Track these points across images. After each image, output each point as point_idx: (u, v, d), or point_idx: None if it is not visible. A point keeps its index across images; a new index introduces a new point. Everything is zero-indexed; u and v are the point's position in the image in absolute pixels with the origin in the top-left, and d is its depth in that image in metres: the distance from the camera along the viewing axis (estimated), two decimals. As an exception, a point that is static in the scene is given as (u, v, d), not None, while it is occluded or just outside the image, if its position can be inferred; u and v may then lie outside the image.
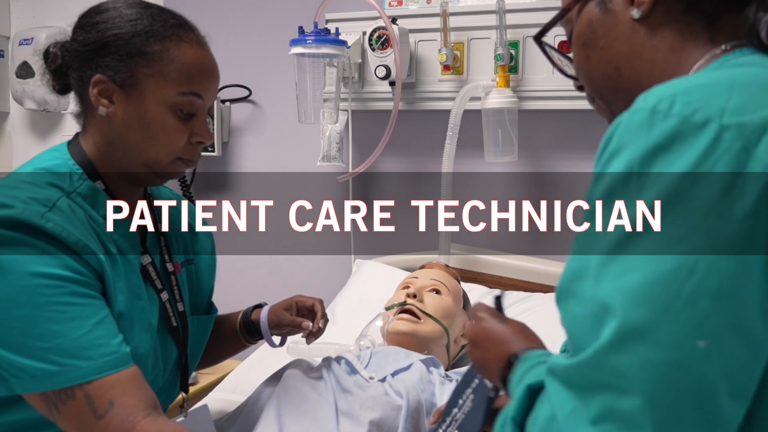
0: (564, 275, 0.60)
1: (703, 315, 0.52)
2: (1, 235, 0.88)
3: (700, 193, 0.53)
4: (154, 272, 1.08)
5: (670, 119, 0.56)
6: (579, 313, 0.57)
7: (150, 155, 1.01)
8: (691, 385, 0.51)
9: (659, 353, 0.52)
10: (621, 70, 0.75)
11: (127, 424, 0.87)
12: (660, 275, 0.53)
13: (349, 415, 1.03)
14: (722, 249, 0.53)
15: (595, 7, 0.75)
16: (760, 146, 0.53)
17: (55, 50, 1.06)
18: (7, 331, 0.87)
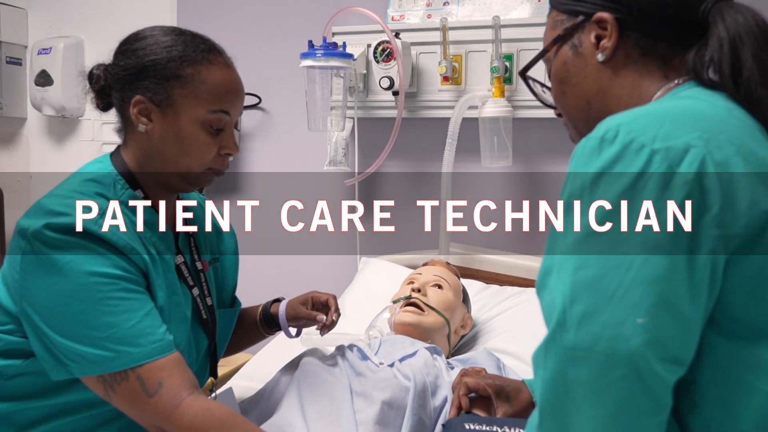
0: (540, 272, 0.73)
1: (640, 298, 0.64)
2: (61, 240, 0.99)
3: (635, 206, 0.66)
4: (186, 270, 1.19)
5: (614, 145, 0.68)
6: (548, 302, 0.70)
7: (184, 166, 1.11)
8: (631, 351, 0.63)
9: (606, 330, 0.64)
10: (591, 104, 0.87)
11: (174, 401, 0.98)
12: (607, 270, 0.66)
13: (363, 396, 1.15)
14: (654, 247, 0.65)
15: (568, 50, 0.88)
16: (681, 165, 0.66)
17: (98, 72, 1.16)
18: (68, 323, 0.98)
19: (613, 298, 0.64)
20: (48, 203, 1.04)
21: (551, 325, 0.68)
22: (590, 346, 0.65)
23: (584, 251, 0.67)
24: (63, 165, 2.61)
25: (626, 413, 0.64)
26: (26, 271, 1.00)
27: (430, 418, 1.16)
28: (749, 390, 0.66)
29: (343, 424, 1.10)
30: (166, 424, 0.98)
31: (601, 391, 0.64)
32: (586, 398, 0.65)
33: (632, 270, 0.65)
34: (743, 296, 0.67)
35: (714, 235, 0.65)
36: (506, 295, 1.72)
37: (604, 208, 0.67)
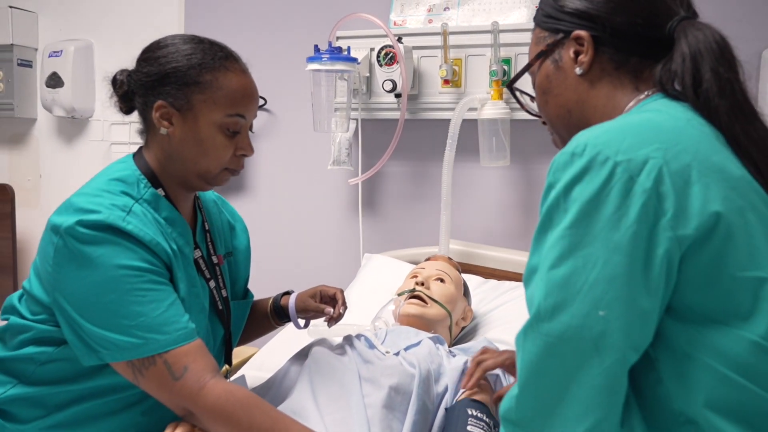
0: (526, 269, 0.82)
1: (602, 293, 0.73)
2: (92, 235, 1.06)
3: (601, 211, 0.75)
4: (204, 264, 1.26)
5: (583, 158, 0.77)
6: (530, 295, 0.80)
7: (202, 167, 1.17)
8: (594, 339, 0.74)
9: (573, 320, 0.74)
10: (572, 113, 0.96)
11: (199, 383, 1.05)
12: (575, 269, 0.75)
13: (371, 381, 1.21)
14: (614, 249, 0.74)
15: (550, 64, 0.96)
16: (641, 175, 0.74)
17: (122, 78, 1.22)
18: (99, 313, 1.05)
19: (580, 294, 0.74)
20: (78, 201, 1.10)
21: (531, 315, 0.78)
22: (560, 334, 0.75)
23: (557, 252, 0.76)
24: (72, 164, 2.68)
25: (589, 391, 0.74)
26: (59, 264, 1.07)
27: (432, 403, 1.23)
28: (701, 367, 0.75)
29: (352, 408, 1.17)
30: (192, 404, 1.05)
31: (569, 372, 0.75)
32: (556, 377, 0.75)
33: (596, 269, 0.74)
34: (696, 288, 0.76)
35: (669, 236, 0.74)
36: (504, 289, 1.80)
37: (575, 214, 0.76)
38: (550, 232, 0.78)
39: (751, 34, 1.77)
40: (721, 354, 0.75)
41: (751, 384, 0.74)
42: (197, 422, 1.07)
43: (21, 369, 1.14)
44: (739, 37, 0.93)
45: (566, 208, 0.77)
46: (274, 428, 1.05)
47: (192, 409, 1.05)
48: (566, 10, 0.94)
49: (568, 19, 0.94)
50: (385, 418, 1.16)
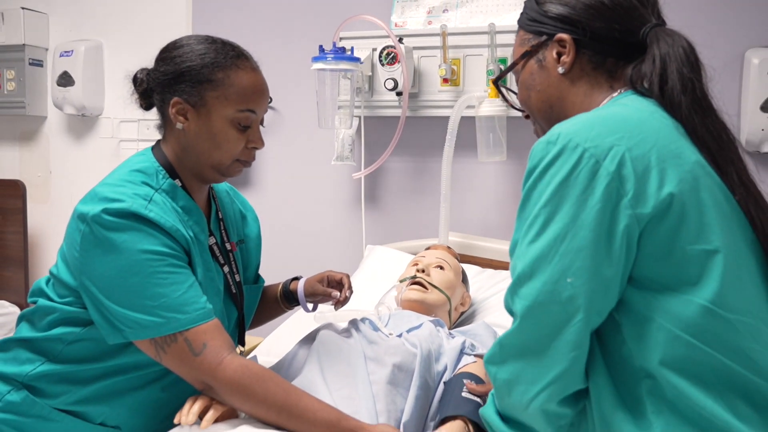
0: (510, 244, 0.94)
1: (570, 262, 0.85)
2: (117, 222, 1.12)
3: (570, 191, 0.85)
4: (218, 250, 1.33)
5: (556, 146, 0.87)
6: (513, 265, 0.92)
7: (215, 159, 1.24)
8: (563, 301, 0.85)
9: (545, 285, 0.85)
10: (553, 107, 1.06)
11: (217, 359, 1.12)
12: (548, 242, 0.86)
13: (375, 360, 1.28)
14: (581, 224, 0.84)
15: (534, 63, 1.07)
16: (606, 160, 0.85)
17: (141, 76, 1.29)
18: (124, 294, 1.12)
19: (551, 263, 0.86)
20: (102, 191, 1.17)
21: (512, 281, 0.91)
22: (535, 297, 0.87)
23: (535, 228, 0.88)
24: (81, 161, 2.75)
25: (558, 344, 0.86)
26: (86, 250, 1.14)
27: (433, 380, 1.31)
28: (658, 328, 0.86)
29: (358, 384, 1.24)
30: (210, 378, 1.12)
31: (541, 327, 0.88)
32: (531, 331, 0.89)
33: (565, 242, 0.85)
34: (652, 260, 0.87)
35: (629, 214, 0.84)
36: (500, 278, 1.88)
37: (548, 195, 0.87)
38: (528, 210, 0.89)
39: (733, 36, 1.85)
40: (674, 317, 0.85)
41: (700, 343, 0.84)
42: (215, 395, 1.14)
43: (49, 348, 1.21)
44: (722, 38, 1.02)
45: (543, 190, 0.88)
46: (287, 399, 1.12)
47: (211, 383, 1.12)
48: (550, 15, 1.04)
49: (551, 23, 1.04)
50: (389, 393, 1.23)
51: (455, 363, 1.34)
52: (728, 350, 0.85)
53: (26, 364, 1.22)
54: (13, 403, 1.20)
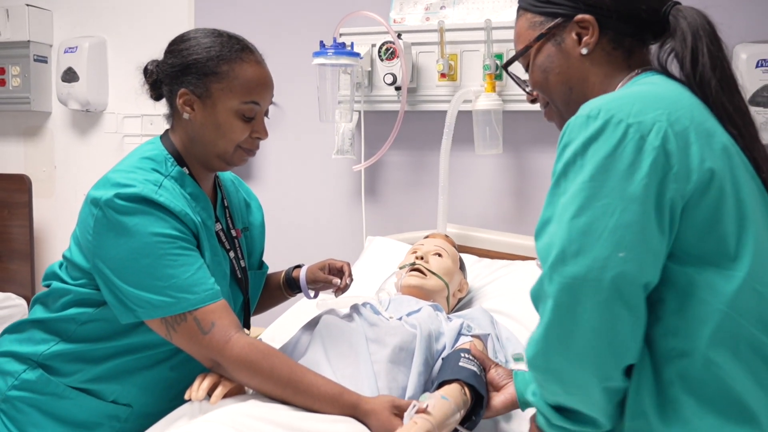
0: (539, 222, 0.90)
1: (621, 237, 0.83)
2: (129, 207, 1.17)
3: (616, 166, 0.84)
4: (224, 236, 1.37)
5: (597, 121, 0.87)
6: (546, 243, 0.88)
7: (220, 148, 1.28)
8: (615, 277, 0.83)
9: (596, 261, 0.83)
10: (573, 89, 1.05)
11: (225, 337, 1.16)
12: (595, 217, 0.84)
13: (377, 341, 1.33)
14: (630, 198, 0.83)
15: (551, 46, 1.05)
16: (650, 135, 0.85)
17: (151, 68, 1.33)
18: (136, 275, 1.16)
19: (600, 238, 0.83)
20: (114, 177, 1.22)
21: (550, 260, 0.86)
22: (584, 274, 0.83)
23: (578, 203, 0.85)
24: (85, 156, 2.79)
25: (613, 325, 0.84)
26: (99, 233, 1.18)
27: (433, 359, 1.36)
28: (700, 302, 0.86)
29: (360, 363, 1.29)
30: (219, 356, 1.16)
31: (594, 308, 0.83)
32: (582, 315, 0.84)
33: (614, 216, 0.84)
34: (694, 234, 0.86)
35: (674, 188, 0.84)
36: (497, 266, 1.93)
37: (592, 169, 0.85)
38: (567, 186, 0.87)
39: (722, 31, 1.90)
40: (717, 291, 0.86)
41: (740, 317, 0.85)
42: (224, 372, 1.18)
43: (63, 328, 1.26)
44: None
45: (583, 164, 0.86)
46: (292, 375, 1.17)
47: (219, 360, 1.17)
48: None
49: (569, 3, 1.02)
50: (391, 371, 1.28)
51: (453, 343, 1.39)
52: (762, 324, 0.86)
53: (41, 344, 1.26)
54: (28, 381, 1.25)
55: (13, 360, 1.27)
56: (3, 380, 1.27)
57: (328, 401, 1.16)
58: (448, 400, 1.17)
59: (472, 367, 1.25)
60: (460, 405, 1.20)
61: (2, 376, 1.27)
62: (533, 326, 1.58)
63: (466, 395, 1.22)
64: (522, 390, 1.28)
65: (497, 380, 1.32)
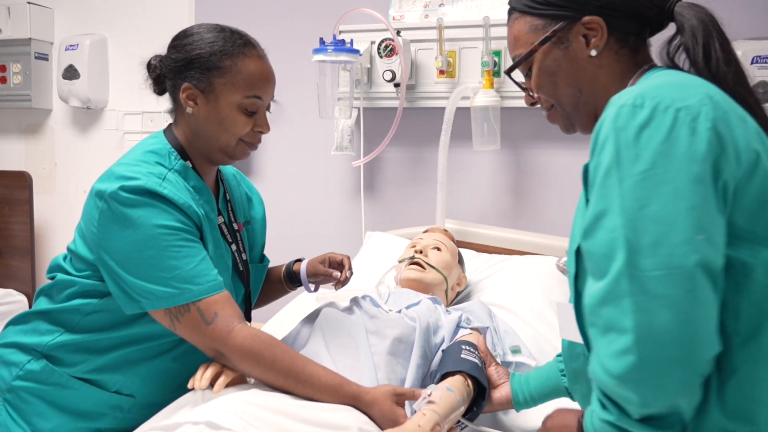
0: (590, 218, 0.86)
1: (697, 219, 0.80)
2: (133, 199, 1.18)
3: (675, 151, 0.82)
4: (226, 229, 1.39)
5: (645, 108, 0.84)
6: (604, 239, 0.83)
7: (222, 142, 1.30)
8: (701, 260, 0.79)
9: (677, 248, 0.79)
10: (582, 91, 1.03)
11: (228, 327, 1.18)
12: (666, 201, 0.81)
13: (376, 333, 1.35)
14: (696, 180, 0.81)
15: (557, 49, 1.03)
16: (700, 117, 0.83)
17: (155, 63, 1.34)
18: (140, 267, 1.17)
19: (676, 224, 0.80)
20: (119, 170, 1.23)
21: (620, 256, 0.81)
22: (666, 263, 0.79)
23: (641, 192, 0.82)
24: (86, 153, 2.81)
25: (705, 311, 0.80)
26: (103, 225, 1.19)
27: (432, 351, 1.38)
28: (748, 277, 0.85)
29: (360, 355, 1.31)
30: (221, 345, 1.18)
31: (684, 298, 0.79)
32: (674, 307, 0.78)
33: (685, 199, 0.81)
34: (746, 215, 0.85)
35: (727, 170, 0.83)
36: (494, 261, 1.95)
37: (651, 156, 0.82)
38: (621, 176, 0.83)
39: (719, 28, 1.92)
40: None
41: None
42: (226, 362, 1.20)
43: (68, 319, 1.27)
44: None
45: (638, 153, 0.83)
46: (293, 365, 1.19)
47: (222, 350, 1.18)
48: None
49: (573, 5, 1.00)
50: (390, 363, 1.30)
51: (452, 335, 1.41)
52: None
53: (46, 335, 1.28)
54: (32, 371, 1.27)
55: (18, 351, 1.29)
56: (8, 371, 1.28)
57: (329, 391, 1.18)
58: (454, 392, 1.19)
59: (474, 359, 1.27)
60: (465, 397, 1.22)
61: (7, 367, 1.29)
62: (531, 319, 1.65)
63: (469, 387, 1.25)
64: (517, 392, 1.31)
65: (495, 378, 1.35)
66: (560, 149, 2.13)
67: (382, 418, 1.17)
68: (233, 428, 1.01)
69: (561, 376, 1.27)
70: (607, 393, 0.85)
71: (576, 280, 0.98)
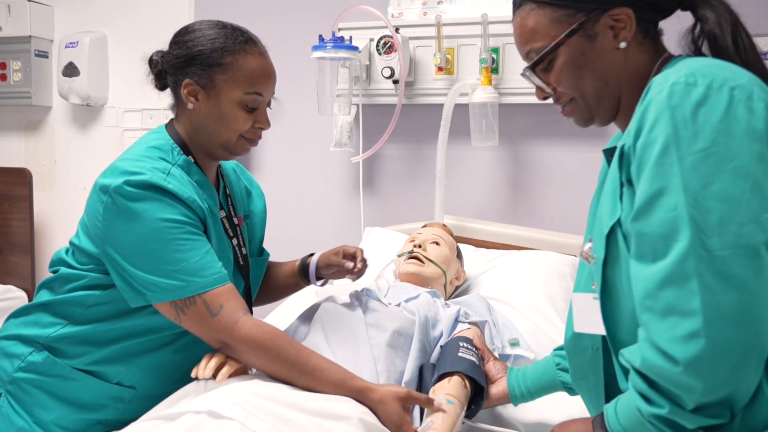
0: (645, 197, 0.83)
1: (762, 197, 0.79)
2: (138, 193, 1.19)
3: (734, 128, 0.81)
4: (227, 223, 1.40)
5: (699, 87, 0.83)
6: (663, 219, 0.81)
7: (223, 138, 1.31)
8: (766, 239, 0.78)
9: (744, 227, 0.78)
10: (608, 84, 1.00)
11: (233, 319, 1.18)
12: (730, 179, 0.79)
13: (376, 326, 1.36)
14: (758, 156, 0.80)
15: (584, 41, 0.98)
16: (753, 95, 0.83)
17: (156, 58, 1.35)
18: (145, 260, 1.18)
19: (741, 202, 0.79)
20: (123, 165, 1.23)
21: (684, 236, 0.79)
22: (735, 242, 0.78)
23: (704, 171, 0.80)
24: (86, 150, 2.82)
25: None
26: (108, 219, 1.20)
27: (430, 344, 1.39)
28: None
29: (360, 348, 1.31)
30: (227, 337, 1.19)
31: (753, 277, 0.78)
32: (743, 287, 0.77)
33: (749, 178, 0.79)
34: None
35: None
36: (493, 256, 1.96)
37: (710, 134, 0.80)
38: (679, 154, 0.81)
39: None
40: None
41: None
42: (232, 353, 1.21)
43: (70, 311, 1.28)
44: None
45: (696, 131, 0.81)
46: (298, 357, 1.19)
47: (227, 341, 1.19)
48: None
49: None
50: (389, 355, 1.31)
51: (450, 329, 1.43)
52: None
53: (48, 327, 1.29)
54: (34, 363, 1.28)
55: (20, 343, 1.30)
56: (9, 362, 1.29)
57: (333, 385, 1.18)
58: (453, 403, 1.19)
59: (471, 357, 1.28)
60: (463, 401, 1.23)
61: (9, 359, 1.30)
62: (529, 312, 1.66)
63: (467, 387, 1.25)
64: (514, 386, 1.31)
65: (493, 373, 1.35)
66: (558, 145, 2.15)
67: (387, 420, 1.17)
68: (234, 417, 1.02)
69: (558, 371, 1.28)
70: (662, 383, 0.82)
71: (605, 266, 0.95)
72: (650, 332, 0.83)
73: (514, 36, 1.06)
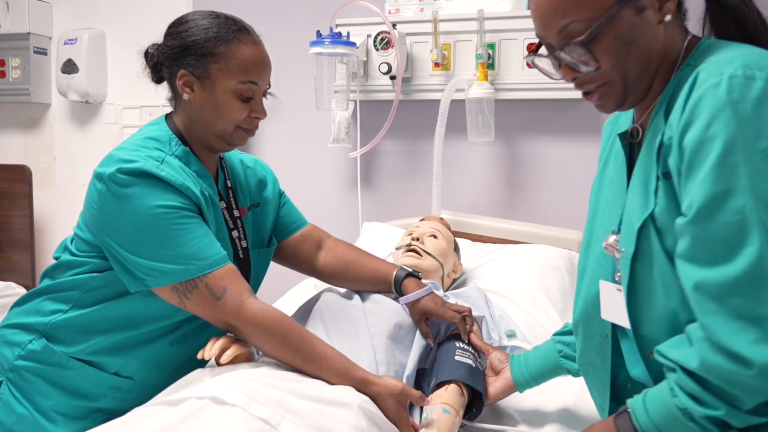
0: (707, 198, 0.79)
1: None
2: (131, 180, 1.19)
3: None
4: (228, 215, 1.40)
5: (757, 80, 0.79)
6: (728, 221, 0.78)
7: (219, 128, 1.31)
8: None
9: None
10: (651, 61, 0.92)
11: (238, 301, 1.19)
12: None
13: (375, 314, 1.36)
14: None
15: (633, 14, 0.89)
16: None
17: (152, 51, 1.35)
18: (142, 245, 1.19)
19: None
20: (118, 154, 1.24)
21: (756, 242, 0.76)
22: None
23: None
24: (85, 147, 2.82)
25: None
26: (103, 207, 1.21)
27: (430, 338, 1.41)
28: None
29: (360, 338, 1.32)
30: (233, 319, 1.19)
31: None
32: None
33: None
34: None
35: None
36: (489, 249, 1.98)
37: None
38: (746, 155, 0.77)
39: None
40: None
41: None
42: (238, 335, 1.22)
43: (69, 296, 1.29)
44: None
45: (759, 129, 0.77)
46: (303, 343, 1.21)
47: (234, 323, 1.20)
48: None
49: None
50: (389, 347, 1.31)
51: (447, 326, 1.44)
52: None
53: (48, 315, 1.30)
54: (34, 351, 1.29)
55: (20, 331, 1.31)
56: (10, 350, 1.31)
57: (336, 373, 1.19)
58: (450, 413, 1.20)
59: (468, 360, 1.28)
60: (459, 409, 1.23)
61: (10, 347, 1.31)
62: (525, 304, 1.68)
63: (464, 395, 1.25)
64: (517, 374, 1.31)
65: (496, 364, 1.35)
66: (553, 140, 2.16)
67: (386, 413, 1.17)
68: (237, 404, 1.03)
69: (560, 358, 1.28)
70: (721, 385, 0.80)
71: (634, 260, 0.92)
72: (716, 335, 0.79)
73: (538, 8, 0.93)
